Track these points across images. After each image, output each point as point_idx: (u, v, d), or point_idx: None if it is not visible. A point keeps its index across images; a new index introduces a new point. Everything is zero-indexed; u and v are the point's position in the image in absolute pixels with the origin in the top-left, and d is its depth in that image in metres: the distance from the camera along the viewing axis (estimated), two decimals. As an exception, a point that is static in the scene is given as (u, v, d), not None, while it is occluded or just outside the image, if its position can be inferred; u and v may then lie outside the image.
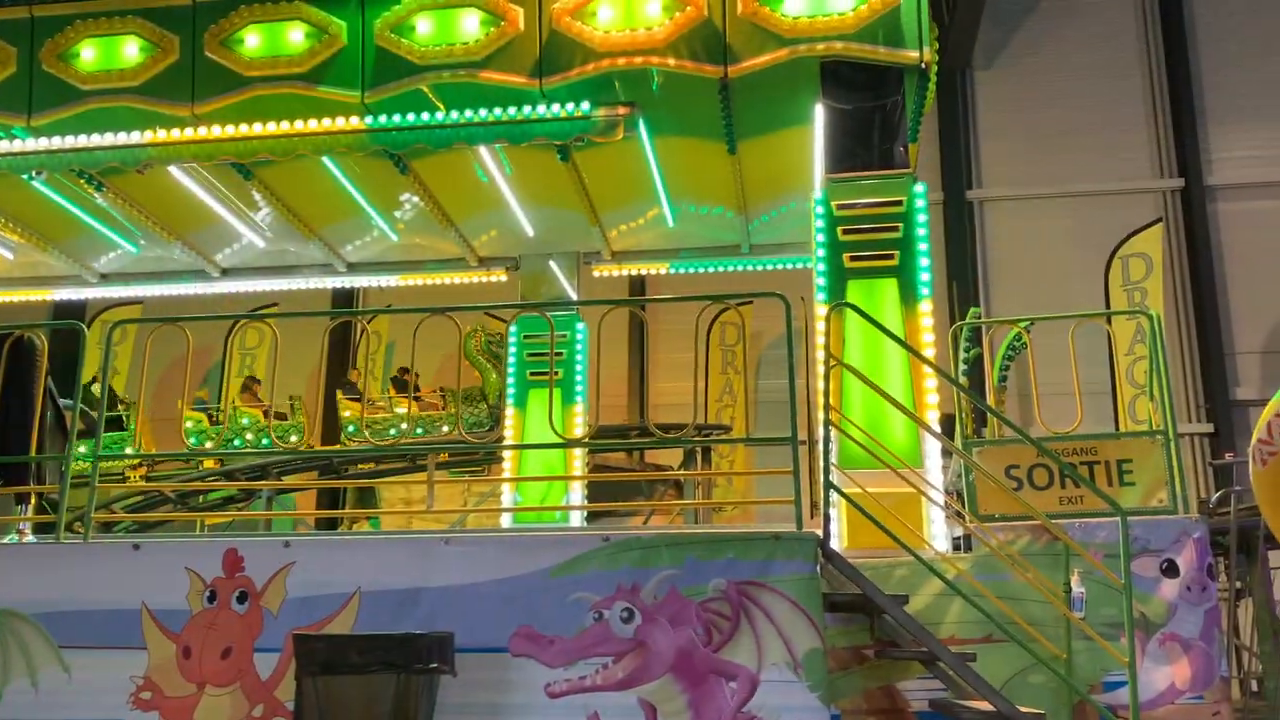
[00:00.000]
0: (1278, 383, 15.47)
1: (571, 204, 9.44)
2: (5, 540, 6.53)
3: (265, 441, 13.36)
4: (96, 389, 11.90)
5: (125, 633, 5.66)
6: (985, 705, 5.21)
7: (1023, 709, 5.18)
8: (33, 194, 9.15)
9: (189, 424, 13.93)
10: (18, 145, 8.42)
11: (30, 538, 6.81)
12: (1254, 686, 10.02)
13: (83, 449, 8.08)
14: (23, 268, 10.65)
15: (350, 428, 13.87)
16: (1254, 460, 2.05)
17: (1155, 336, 6.87)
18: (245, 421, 13.91)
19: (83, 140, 8.31)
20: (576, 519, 9.66)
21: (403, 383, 14.00)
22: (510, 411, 10.10)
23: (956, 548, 6.83)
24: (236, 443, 13.63)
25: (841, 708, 5.76)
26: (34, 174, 8.54)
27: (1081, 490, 6.39)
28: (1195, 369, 16.07)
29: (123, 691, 5.57)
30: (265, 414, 13.73)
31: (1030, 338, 8.58)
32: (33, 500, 6.89)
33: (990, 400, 9.75)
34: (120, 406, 14.09)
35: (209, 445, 13.29)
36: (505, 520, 9.63)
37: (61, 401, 6.98)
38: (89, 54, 8.31)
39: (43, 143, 8.37)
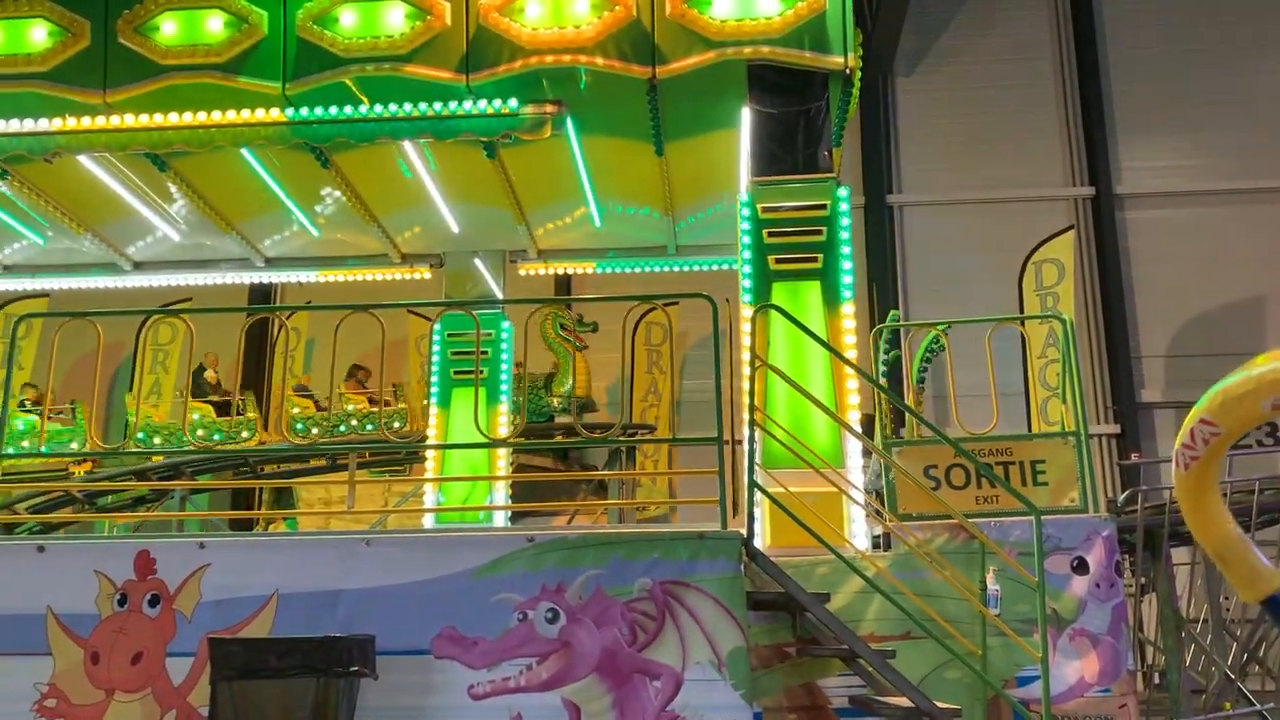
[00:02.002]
0: (1181, 385, 16.13)
1: (498, 201, 9.37)
2: (-101, 543, 6.24)
3: (369, 427, 13.41)
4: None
5: (29, 638, 5.46)
6: (903, 701, 5.31)
7: (939, 704, 5.29)
8: (-69, 181, 8.77)
9: (295, 410, 13.62)
10: (-85, 130, 8.05)
11: (-73, 540, 6.52)
12: (1157, 679, 10.38)
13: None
14: (-79, 257, 10.21)
15: (299, 425, 13.77)
16: (1177, 464, 2.13)
17: (1068, 340, 7.07)
18: (350, 409, 13.65)
19: (-15, 127, 7.97)
20: (500, 520, 9.60)
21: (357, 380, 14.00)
22: (434, 411, 9.99)
23: (876, 546, 6.95)
24: (341, 429, 13.37)
25: (764, 705, 5.82)
26: (-66, 161, 8.17)
27: (997, 490, 6.55)
28: (1104, 372, 16.60)
29: (27, 699, 5.36)
30: (372, 401, 13.69)
31: (948, 340, 8.77)
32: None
33: (910, 401, 9.94)
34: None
35: (314, 432, 13.15)
36: (428, 521, 9.52)
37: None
38: (-8, 37, 7.99)
39: (-58, 128, 8.02)
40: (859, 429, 6.83)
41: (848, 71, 7.53)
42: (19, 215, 9.51)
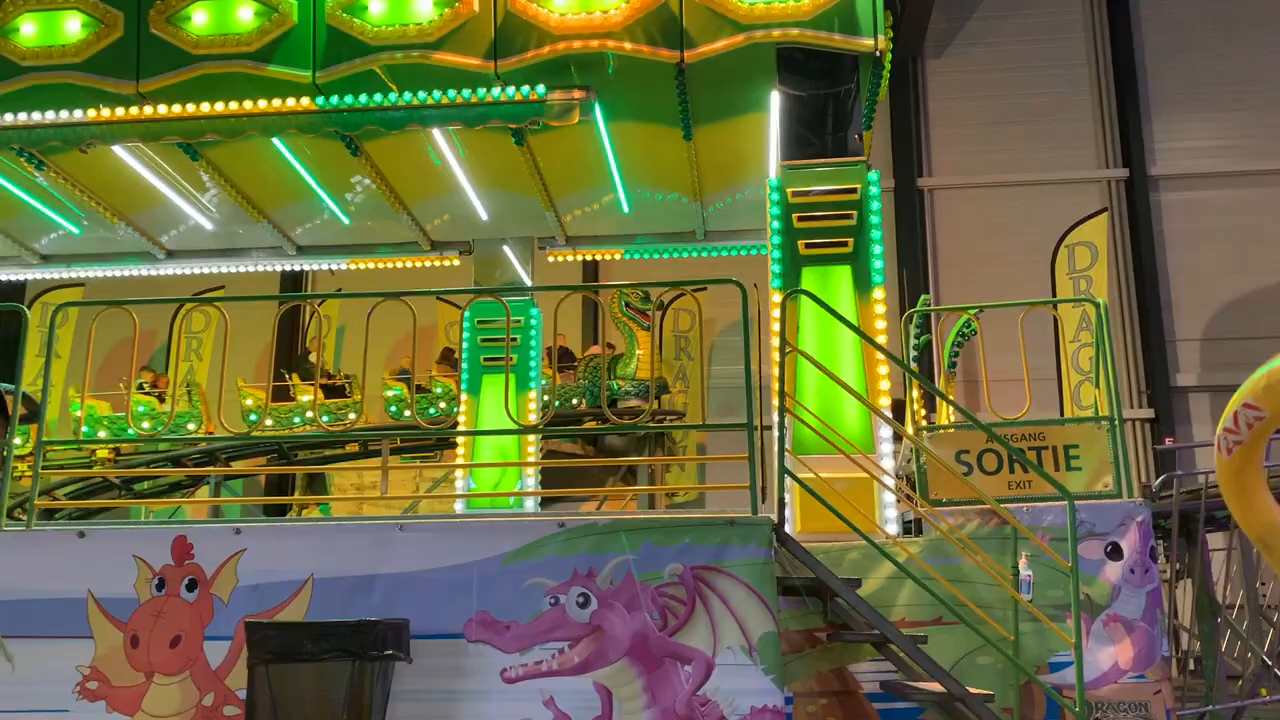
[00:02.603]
0: (1216, 369, 15.93)
1: (526, 188, 9.38)
2: (-56, 528, 6.35)
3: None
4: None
5: (71, 621, 5.55)
6: (935, 686, 5.30)
7: (971, 690, 5.28)
8: (-31, 172, 8.90)
9: (389, 394, 13.71)
10: (-46, 122, 8.16)
11: (-30, 525, 6.64)
12: (1192, 665, 10.29)
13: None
14: (-41, 248, 10.36)
15: (392, 408, 13.80)
16: (1219, 449, 2.11)
17: (1101, 324, 6.99)
18: (439, 390, 13.73)
19: (23, 118, 8.07)
20: (530, 506, 9.64)
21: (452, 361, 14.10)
22: (464, 398, 10.04)
23: (907, 531, 6.93)
24: (431, 412, 13.42)
25: (795, 690, 5.83)
26: (-29, 152, 8.29)
27: (1029, 475, 6.51)
28: (1138, 355, 16.42)
29: (69, 681, 5.46)
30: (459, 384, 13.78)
31: (980, 324, 8.70)
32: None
33: (941, 386, 9.88)
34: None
35: (406, 414, 13.24)
36: (459, 506, 9.58)
37: (0, 385, 6.80)
38: (29, 29, 8.08)
39: (-20, 120, 8.13)
40: (890, 414, 6.80)
41: (878, 54, 7.46)
42: (55, 205, 9.63)
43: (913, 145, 17.41)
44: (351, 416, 13.83)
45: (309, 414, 13.50)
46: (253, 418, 13.27)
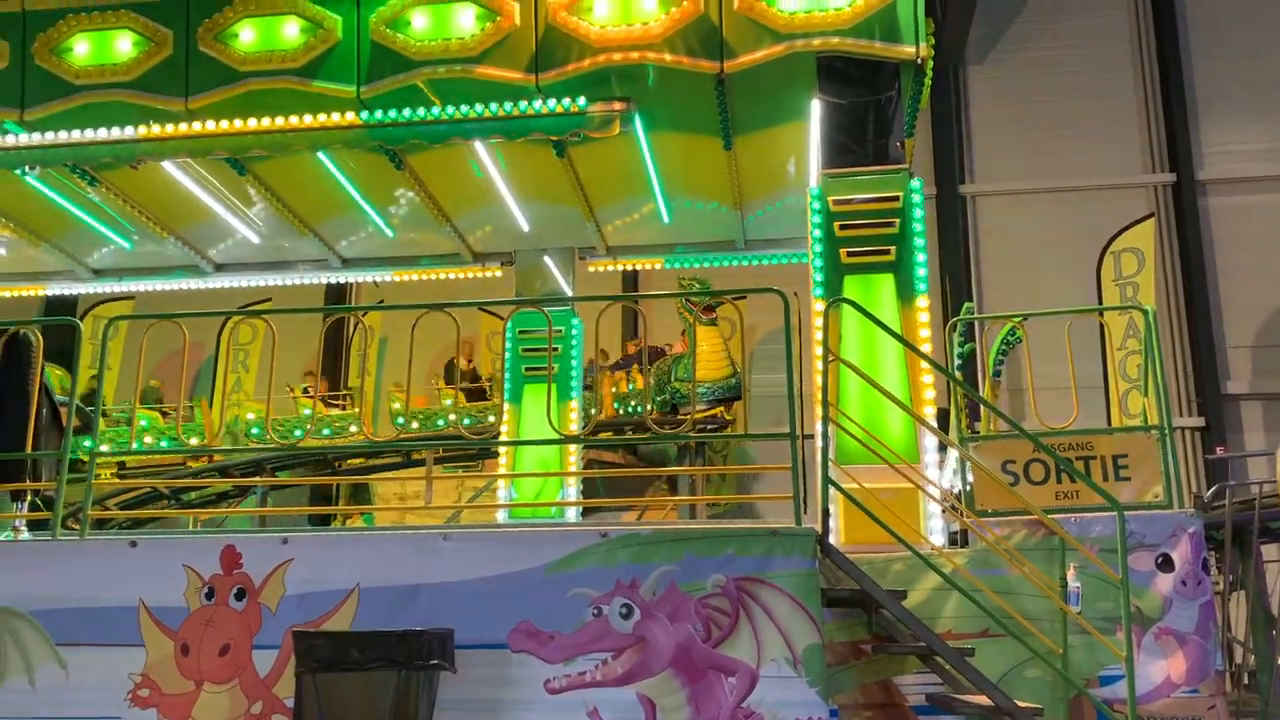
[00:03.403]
0: (1268, 376, 15.61)
1: (567, 199, 9.43)
2: (1, 538, 6.50)
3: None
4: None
5: (123, 630, 5.64)
6: (983, 699, 5.24)
7: (1020, 703, 5.21)
8: (26, 189, 9.11)
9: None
10: (11, 140, 8.37)
11: (26, 535, 6.78)
12: (1246, 680, 10.08)
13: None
14: (16, 263, 10.59)
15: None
16: None
17: (1150, 332, 6.89)
18: (447, 403, 13.80)
19: (76, 135, 8.26)
20: (572, 515, 9.66)
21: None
22: (505, 407, 10.09)
23: (953, 542, 6.86)
24: (440, 424, 13.40)
25: (839, 702, 5.79)
26: (27, 169, 8.50)
27: (1078, 485, 6.42)
28: (1187, 363, 16.14)
29: (121, 689, 5.55)
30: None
31: (1025, 332, 8.60)
32: (28, 497, 6.86)
33: (986, 395, 9.78)
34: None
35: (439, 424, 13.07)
36: (501, 516, 9.63)
37: (57, 398, 6.94)
38: (82, 48, 8.27)
39: (36, 138, 8.33)
40: (934, 424, 6.75)
41: (919, 61, 7.43)
42: (107, 220, 9.83)
43: (954, 152, 17.27)
44: (491, 419, 13.53)
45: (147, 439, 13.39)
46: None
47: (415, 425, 13.24)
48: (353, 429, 13.51)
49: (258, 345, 15.73)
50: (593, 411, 11.66)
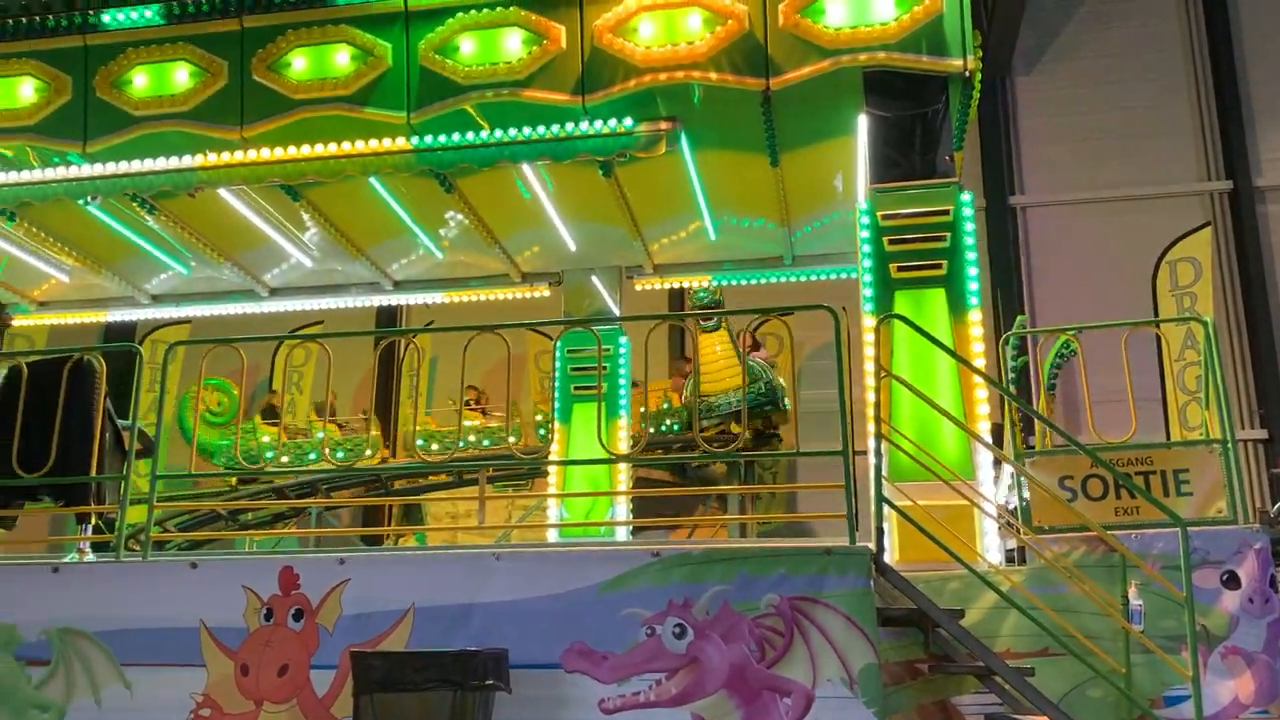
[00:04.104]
0: (1335, 388, 15.18)
1: (614, 219, 9.48)
2: (67, 559, 6.65)
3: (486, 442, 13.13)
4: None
5: (185, 650, 5.73)
6: (1044, 720, 5.14)
7: (1083, 724, 5.11)
8: (87, 218, 9.35)
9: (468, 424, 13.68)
10: (74, 171, 8.61)
11: (90, 556, 6.93)
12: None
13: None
14: (78, 290, 10.86)
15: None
16: None
17: (1210, 343, 6.76)
18: (468, 424, 13.91)
19: (135, 165, 8.47)
20: (622, 535, 9.66)
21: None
22: (555, 426, 10.13)
23: (1010, 560, 6.75)
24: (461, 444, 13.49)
25: (896, 723, 5.71)
26: (90, 199, 8.72)
27: (1137, 501, 6.29)
28: (1248, 374, 15.75)
29: (183, 708, 5.63)
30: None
31: (1080, 345, 8.47)
32: (93, 520, 7.00)
33: (1041, 410, 9.63)
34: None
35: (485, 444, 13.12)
36: (551, 535, 9.65)
37: (119, 422, 7.09)
38: (141, 81, 8.49)
39: (98, 168, 8.55)
40: (989, 439, 6.66)
41: (967, 74, 7.37)
42: (165, 247, 10.05)
43: (1004, 164, 17.08)
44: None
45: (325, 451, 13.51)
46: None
47: (434, 446, 13.35)
48: (511, 439, 13.30)
49: (310, 367, 15.94)
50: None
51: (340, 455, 13.21)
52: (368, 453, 13.54)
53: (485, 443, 13.60)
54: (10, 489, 6.75)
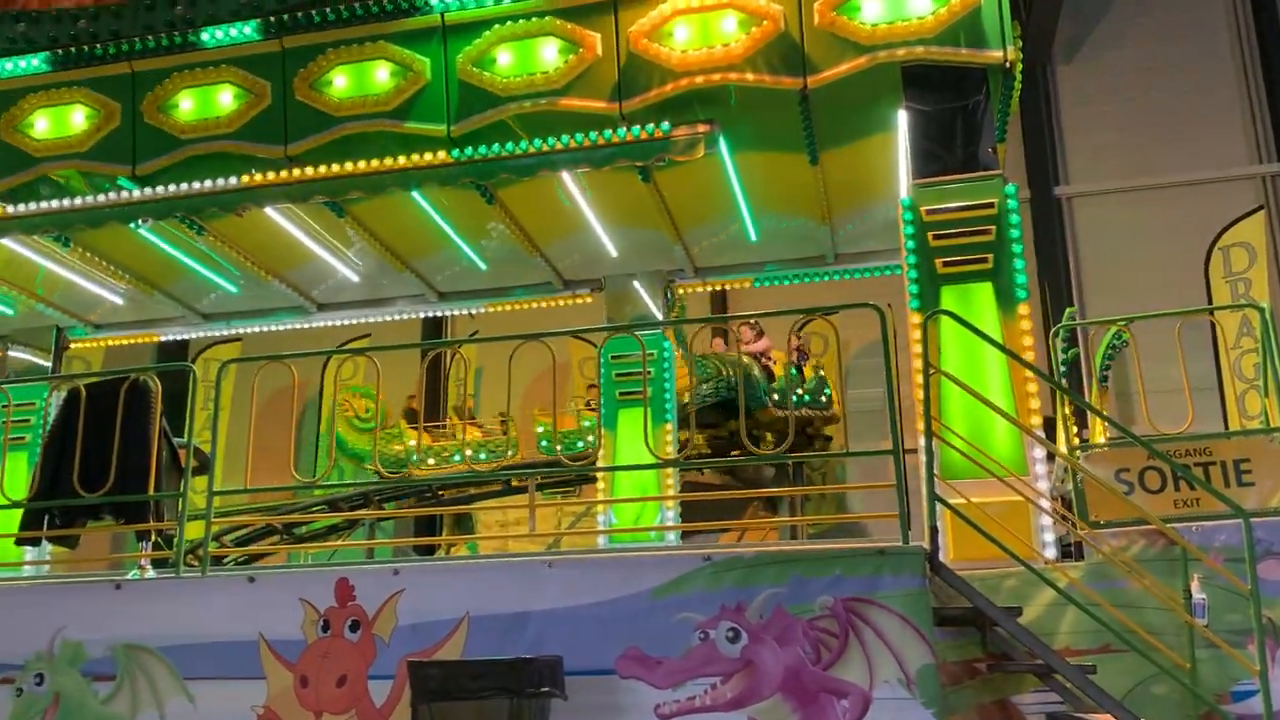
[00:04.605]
0: (1398, 371, 14.76)
1: (654, 223, 9.48)
2: (129, 576, 6.78)
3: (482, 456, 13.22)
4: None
5: (245, 663, 5.82)
6: (1107, 718, 5.05)
7: (1148, 722, 5.02)
8: (140, 241, 9.53)
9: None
10: (124, 195, 8.78)
11: (151, 573, 7.06)
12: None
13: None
14: (132, 311, 11.06)
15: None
16: None
17: (1267, 329, 6.62)
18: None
19: (184, 187, 8.60)
20: (672, 538, 9.65)
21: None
22: (601, 432, 10.14)
23: (1067, 556, 6.65)
24: (455, 458, 13.56)
25: (956, 724, 5.64)
26: (140, 221, 8.88)
27: (1197, 492, 6.17)
28: (1307, 360, 15.38)
29: (245, 721, 5.73)
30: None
31: (1132, 335, 8.33)
32: (152, 537, 7.14)
33: (1094, 402, 9.48)
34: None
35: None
36: (601, 541, 9.67)
37: (175, 440, 7.23)
38: (187, 104, 8.65)
39: (147, 192, 8.70)
40: (1042, 434, 6.57)
41: (1008, 65, 7.29)
42: (214, 267, 10.22)
43: (1047, 154, 16.85)
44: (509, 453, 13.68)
45: (467, 452, 13.63)
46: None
47: (483, 455, 13.38)
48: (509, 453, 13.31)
49: (358, 380, 16.14)
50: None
51: (483, 457, 13.24)
52: (509, 453, 13.38)
53: (482, 456, 13.50)
54: (73, 508, 6.91)
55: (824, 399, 13.49)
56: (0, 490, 7.25)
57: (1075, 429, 9.38)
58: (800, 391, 13.02)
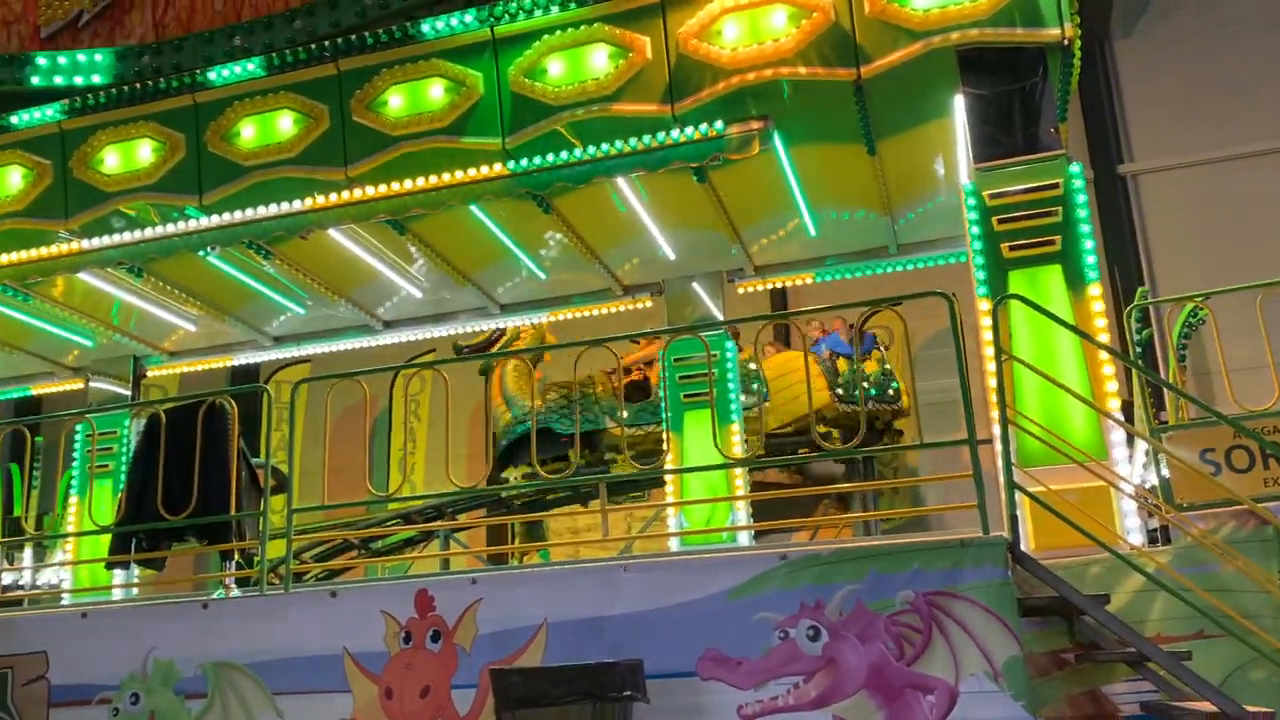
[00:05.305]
0: None
1: (711, 224, 9.45)
2: (214, 596, 6.94)
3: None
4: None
5: (330, 677, 5.93)
6: (1206, 706, 4.91)
7: (1249, 708, 4.86)
8: (208, 268, 9.75)
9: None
10: (192, 224, 8.99)
11: (235, 592, 7.22)
12: None
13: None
14: (204, 337, 11.33)
15: None
16: None
17: (1353, 299, 6.39)
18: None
19: (249, 213, 8.79)
20: (744, 539, 9.59)
21: None
22: (667, 435, 10.11)
23: (1153, 541, 6.49)
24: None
25: (1045, 716, 5.52)
26: (208, 249, 9.09)
27: (1288, 470, 5.98)
28: (1396, 329, 14.82)
29: (334, 733, 5.82)
30: None
31: (1210, 312, 8.09)
32: (235, 556, 7.30)
33: (1173, 382, 9.23)
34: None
35: None
36: (673, 544, 9.65)
37: (253, 460, 7.39)
38: (248, 132, 8.83)
39: (214, 219, 8.91)
40: (1121, 417, 6.42)
41: (1066, 42, 7.14)
42: (282, 290, 10.42)
43: (1109, 131, 16.45)
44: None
45: None
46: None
47: None
48: None
49: (426, 394, 16.32)
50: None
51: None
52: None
53: None
54: (158, 531, 7.09)
55: (891, 392, 13.28)
56: (88, 515, 7.46)
57: (1154, 411, 9.14)
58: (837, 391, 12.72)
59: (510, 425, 12.37)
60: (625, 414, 11.49)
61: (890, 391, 13.25)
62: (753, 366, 11.49)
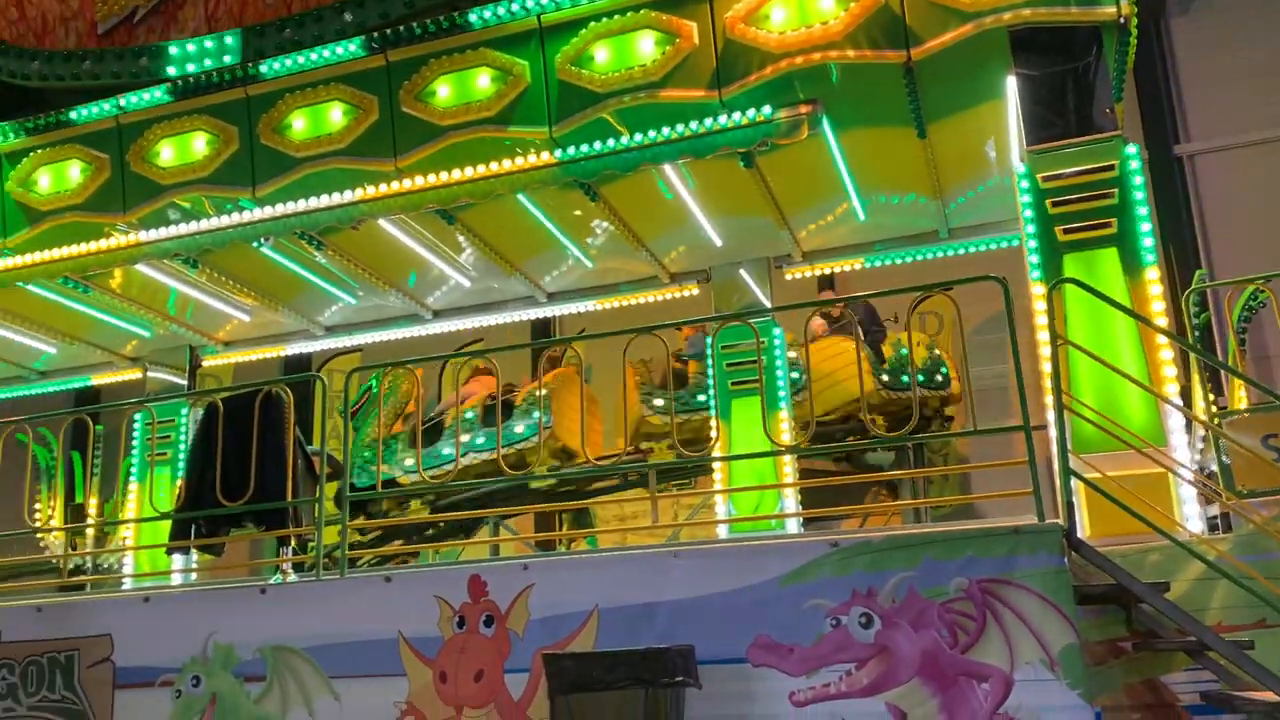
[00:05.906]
0: None
1: (758, 210, 9.40)
2: (272, 581, 7.07)
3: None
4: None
5: (386, 661, 6.02)
6: (1269, 695, 4.82)
7: (1314, 699, 4.77)
8: (261, 259, 9.89)
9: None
10: (246, 216, 9.13)
11: (292, 577, 7.34)
12: None
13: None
14: (258, 328, 11.50)
15: None
16: None
17: None
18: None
19: (301, 205, 8.90)
20: (793, 527, 9.56)
21: None
22: (714, 423, 10.10)
23: (1214, 528, 6.37)
24: None
25: (1103, 705, 5.45)
26: (261, 240, 9.23)
27: (1355, 456, 5.84)
28: None
29: (389, 717, 5.92)
30: None
31: (1272, 294, 7.90)
32: (292, 542, 7.42)
33: (1235, 366, 9.04)
34: None
35: None
36: (721, 531, 9.65)
37: (308, 448, 7.49)
38: (299, 124, 8.95)
39: (267, 211, 9.03)
40: (1180, 403, 6.30)
41: (1122, 19, 6.99)
42: (334, 280, 10.54)
43: (1164, 112, 16.08)
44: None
45: None
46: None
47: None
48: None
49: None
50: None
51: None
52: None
53: None
54: (217, 517, 7.23)
55: (939, 378, 13.13)
56: (149, 502, 7.62)
57: (1212, 396, 8.96)
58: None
59: None
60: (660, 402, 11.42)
61: (939, 377, 13.06)
62: (792, 355, 11.41)
